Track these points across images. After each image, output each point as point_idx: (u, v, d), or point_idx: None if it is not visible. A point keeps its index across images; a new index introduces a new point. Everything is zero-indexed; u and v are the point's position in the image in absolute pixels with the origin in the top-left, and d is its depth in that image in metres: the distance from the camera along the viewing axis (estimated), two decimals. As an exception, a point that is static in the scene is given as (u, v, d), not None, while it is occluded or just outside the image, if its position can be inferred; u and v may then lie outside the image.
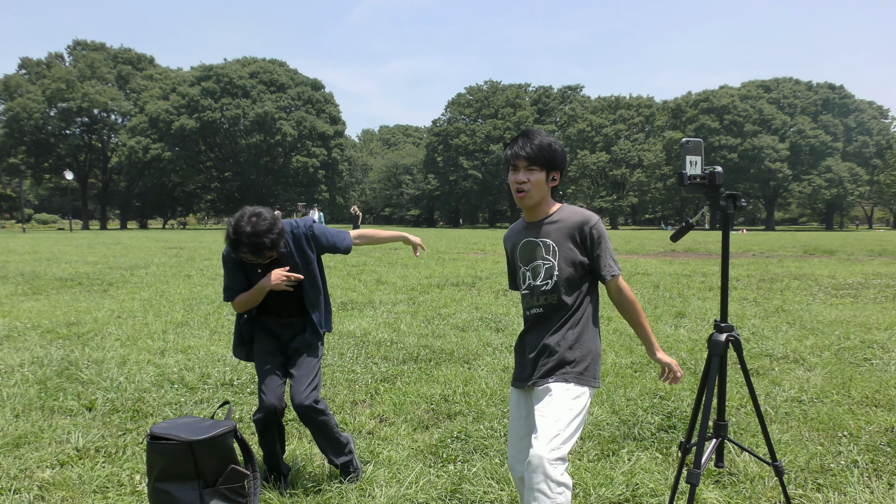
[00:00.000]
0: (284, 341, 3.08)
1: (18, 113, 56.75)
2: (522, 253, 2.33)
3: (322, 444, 3.03)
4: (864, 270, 13.70)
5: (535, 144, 2.23)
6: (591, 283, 2.31)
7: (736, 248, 23.41)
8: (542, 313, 2.28)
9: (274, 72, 63.82)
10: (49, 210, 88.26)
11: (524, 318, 2.38)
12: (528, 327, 2.34)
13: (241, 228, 2.70)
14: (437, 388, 4.63)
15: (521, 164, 2.23)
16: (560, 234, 2.25)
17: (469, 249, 21.74)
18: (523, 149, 2.23)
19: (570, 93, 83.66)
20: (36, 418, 3.95)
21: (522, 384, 2.32)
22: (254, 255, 2.75)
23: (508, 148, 2.28)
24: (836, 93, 72.55)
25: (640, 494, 2.93)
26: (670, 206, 78.34)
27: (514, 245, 2.37)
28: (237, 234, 2.70)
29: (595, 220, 2.26)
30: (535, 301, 2.29)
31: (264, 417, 2.91)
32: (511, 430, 2.38)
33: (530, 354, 2.29)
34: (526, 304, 2.34)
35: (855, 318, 7.56)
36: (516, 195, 2.26)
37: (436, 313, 7.89)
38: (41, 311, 8.15)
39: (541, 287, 2.26)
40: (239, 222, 2.72)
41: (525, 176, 2.23)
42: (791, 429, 3.78)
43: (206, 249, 21.80)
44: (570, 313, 2.25)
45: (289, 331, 3.08)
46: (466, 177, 75.98)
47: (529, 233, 2.32)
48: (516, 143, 2.26)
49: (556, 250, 2.25)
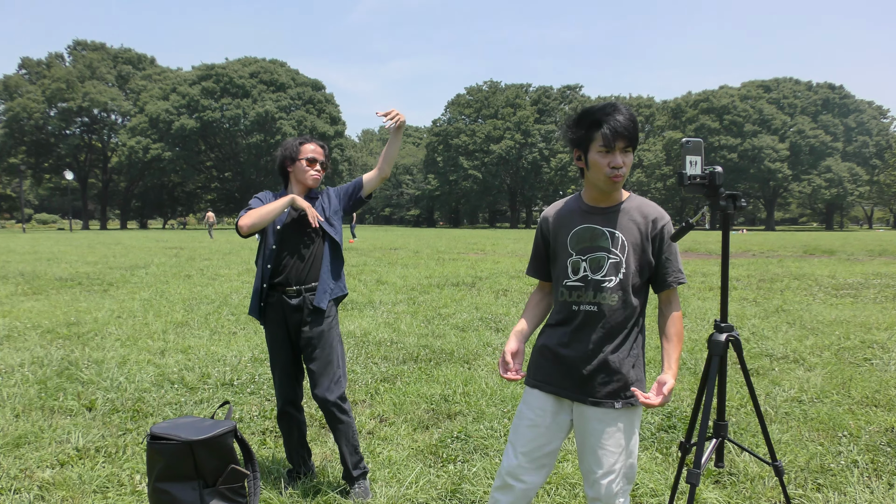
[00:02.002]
0: (293, 327, 2.95)
1: (18, 113, 56.80)
2: (577, 239, 2.00)
3: (344, 449, 2.98)
4: (864, 270, 13.70)
5: (634, 122, 1.90)
6: (647, 289, 2.06)
7: (736, 248, 23.41)
8: (596, 313, 1.97)
9: (274, 72, 63.86)
10: (49, 210, 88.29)
11: (565, 313, 2.02)
12: (575, 326, 1.99)
13: (301, 135, 3.10)
14: (437, 388, 4.63)
15: (621, 144, 1.88)
16: (632, 227, 1.98)
17: (469, 249, 21.75)
18: (627, 128, 1.88)
19: (570, 93, 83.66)
20: (36, 418, 3.96)
21: (564, 392, 2.01)
22: (318, 145, 3.00)
23: (604, 124, 1.86)
24: (836, 93, 72.55)
25: (640, 494, 2.93)
26: (670, 206, 78.26)
27: (565, 228, 2.03)
28: (297, 137, 3.05)
29: (668, 219, 2.01)
30: (589, 296, 1.97)
31: (279, 414, 3.04)
32: (525, 437, 2.04)
33: (584, 365, 1.97)
34: (575, 296, 1.99)
35: (855, 318, 7.56)
36: (610, 180, 1.91)
37: (436, 313, 7.89)
38: (41, 311, 8.15)
39: (602, 282, 1.96)
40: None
41: (622, 159, 1.90)
42: (791, 429, 3.78)
43: (206, 249, 21.80)
44: (634, 321, 2.00)
45: (297, 315, 2.93)
46: (466, 177, 75.98)
47: (592, 218, 2.00)
48: (614, 118, 1.87)
49: (626, 245, 1.97)
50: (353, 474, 2.98)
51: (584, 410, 2.00)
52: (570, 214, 2.05)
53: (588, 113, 1.91)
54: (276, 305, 2.94)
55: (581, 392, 1.98)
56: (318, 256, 2.96)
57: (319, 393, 2.90)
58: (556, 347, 2.02)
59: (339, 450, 2.98)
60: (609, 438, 1.97)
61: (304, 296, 2.93)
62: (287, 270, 2.91)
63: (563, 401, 2.03)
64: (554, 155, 74.47)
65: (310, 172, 2.96)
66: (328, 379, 2.90)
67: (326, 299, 2.93)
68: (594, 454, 1.98)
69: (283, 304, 2.93)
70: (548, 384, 2.04)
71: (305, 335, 2.92)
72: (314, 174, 2.97)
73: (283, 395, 3.00)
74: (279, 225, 2.94)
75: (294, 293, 2.92)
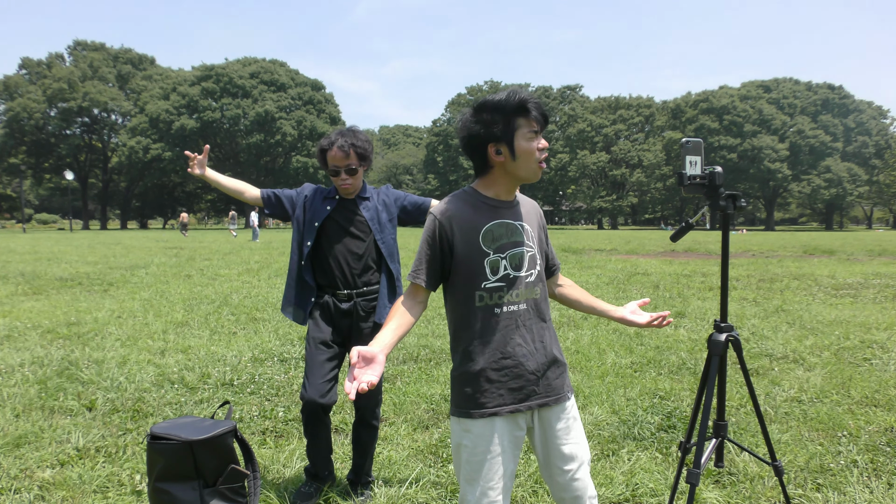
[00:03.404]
0: (342, 330, 2.84)
1: (19, 113, 56.82)
2: (491, 237, 1.83)
3: (362, 455, 2.96)
4: (864, 270, 13.70)
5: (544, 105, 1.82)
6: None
7: (736, 248, 23.41)
8: (524, 310, 1.85)
9: (274, 72, 63.90)
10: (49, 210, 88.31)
11: (485, 320, 1.81)
12: (505, 331, 1.82)
13: (338, 129, 2.83)
14: (437, 388, 4.63)
15: (539, 127, 1.80)
16: (532, 218, 1.95)
17: (469, 249, 21.70)
18: (541, 111, 1.79)
19: (570, 93, 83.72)
20: (36, 418, 3.96)
21: (524, 404, 1.84)
22: (339, 150, 2.74)
23: (530, 107, 1.76)
24: (836, 93, 72.60)
25: (640, 494, 2.93)
26: (670, 206, 78.36)
27: (471, 227, 1.82)
28: (334, 133, 2.80)
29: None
30: (515, 296, 1.83)
31: (304, 411, 2.81)
32: (489, 471, 1.81)
33: (538, 366, 1.85)
34: (496, 298, 1.82)
35: (855, 318, 7.56)
36: (538, 166, 1.81)
37: (436, 313, 7.88)
38: (41, 311, 8.15)
39: (526, 278, 1.85)
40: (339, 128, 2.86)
41: (545, 142, 1.82)
42: (791, 429, 3.78)
43: (206, 249, 21.80)
44: (548, 309, 1.94)
45: (346, 320, 2.82)
46: (466, 177, 75.94)
47: (502, 213, 1.86)
48: (532, 100, 1.77)
49: (533, 237, 1.91)
50: (362, 480, 2.98)
51: (546, 414, 1.89)
52: (474, 211, 1.84)
53: (504, 101, 1.77)
54: (325, 306, 2.84)
55: (543, 395, 1.86)
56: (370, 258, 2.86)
57: (362, 401, 2.85)
58: (499, 361, 1.81)
59: (356, 454, 2.96)
60: (572, 430, 1.91)
61: (356, 301, 2.83)
62: (331, 274, 2.83)
63: (518, 416, 1.84)
64: (553, 155, 74.45)
65: (338, 185, 2.83)
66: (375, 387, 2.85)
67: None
68: (561, 453, 1.89)
69: (330, 307, 2.83)
70: (503, 406, 1.81)
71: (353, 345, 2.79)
72: (343, 185, 2.80)
73: (318, 396, 2.75)
74: (317, 222, 2.82)
75: (345, 297, 2.82)
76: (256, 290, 10.42)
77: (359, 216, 2.86)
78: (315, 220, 2.82)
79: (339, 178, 2.78)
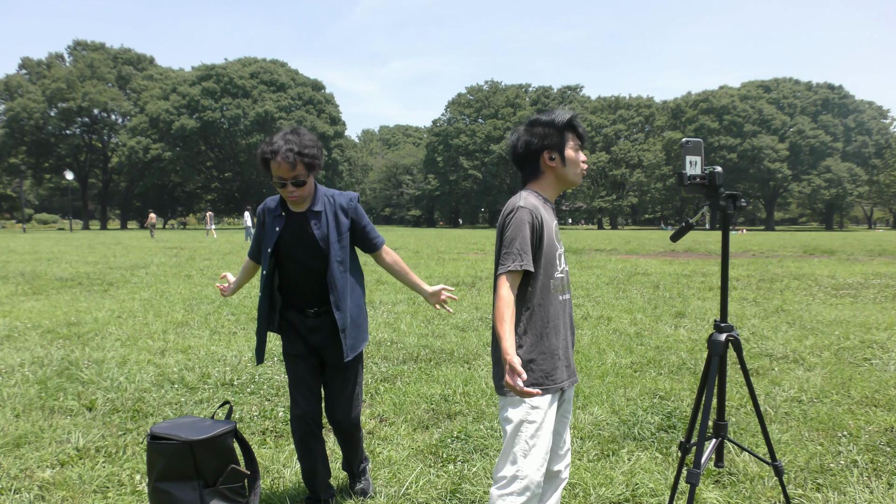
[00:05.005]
0: (313, 345, 2.73)
1: (19, 113, 56.81)
2: (556, 233, 2.13)
3: (352, 459, 2.95)
4: (864, 270, 13.70)
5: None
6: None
7: (736, 248, 23.41)
8: (568, 300, 2.17)
9: (274, 72, 63.86)
10: (49, 210, 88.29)
11: (554, 306, 2.08)
12: (564, 317, 2.13)
13: (282, 132, 2.52)
14: (437, 388, 4.63)
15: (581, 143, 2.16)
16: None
17: (469, 249, 21.75)
18: (583, 130, 2.16)
19: (570, 93, 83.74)
20: (36, 418, 3.96)
21: (567, 383, 2.12)
22: (284, 160, 2.43)
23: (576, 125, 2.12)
24: (836, 93, 72.57)
25: (640, 494, 2.93)
26: (670, 206, 78.38)
27: (547, 221, 2.08)
28: (276, 137, 2.49)
29: None
30: (565, 286, 2.15)
31: (296, 428, 2.73)
32: (547, 443, 2.05)
33: (568, 348, 2.16)
34: (561, 287, 2.12)
35: (855, 318, 7.56)
36: (581, 172, 2.15)
37: (436, 313, 7.88)
38: (41, 311, 8.15)
39: (566, 271, 2.18)
40: (282, 130, 2.54)
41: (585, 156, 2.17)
42: (791, 429, 3.78)
43: (206, 249, 21.81)
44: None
45: (317, 335, 2.71)
46: (466, 177, 76.01)
47: (553, 213, 2.18)
48: (578, 121, 2.13)
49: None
50: (356, 471, 2.99)
51: (568, 392, 2.23)
52: (545, 209, 2.10)
53: (556, 118, 2.11)
54: (293, 323, 2.73)
55: (574, 375, 2.17)
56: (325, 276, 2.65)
57: (340, 416, 2.77)
58: (562, 342, 2.11)
59: (344, 448, 2.94)
60: (569, 413, 2.25)
61: (324, 318, 2.69)
62: (295, 290, 2.70)
63: (557, 393, 2.11)
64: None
65: (285, 196, 2.58)
66: (347, 404, 2.76)
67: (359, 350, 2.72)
68: (566, 427, 2.21)
69: (298, 324, 2.72)
70: (565, 381, 2.11)
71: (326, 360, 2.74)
72: (291, 198, 2.55)
73: (305, 411, 2.70)
74: (269, 248, 2.63)
75: (312, 314, 2.70)
76: (256, 290, 10.42)
77: (309, 233, 2.61)
78: (267, 247, 2.64)
79: (285, 190, 2.53)
